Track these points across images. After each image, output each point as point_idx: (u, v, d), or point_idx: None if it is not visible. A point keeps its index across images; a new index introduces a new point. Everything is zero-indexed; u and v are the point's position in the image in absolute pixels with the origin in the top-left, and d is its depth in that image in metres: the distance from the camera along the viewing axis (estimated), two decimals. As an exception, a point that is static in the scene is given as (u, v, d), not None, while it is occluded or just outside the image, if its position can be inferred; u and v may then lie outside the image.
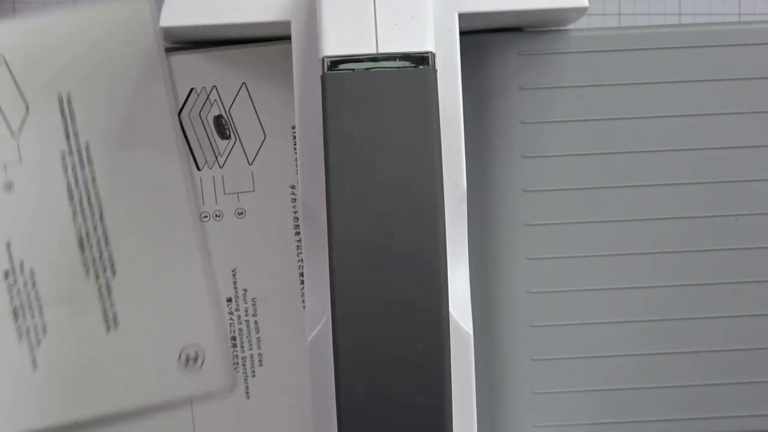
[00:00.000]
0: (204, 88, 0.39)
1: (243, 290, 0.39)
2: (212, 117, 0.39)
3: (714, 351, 0.40)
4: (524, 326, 0.40)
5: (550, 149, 0.39)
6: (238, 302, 0.39)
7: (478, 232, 0.39)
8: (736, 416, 0.40)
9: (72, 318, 0.39)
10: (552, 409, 0.40)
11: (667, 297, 0.40)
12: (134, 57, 0.38)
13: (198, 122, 0.39)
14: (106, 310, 0.39)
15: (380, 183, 0.33)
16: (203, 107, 0.39)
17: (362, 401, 0.33)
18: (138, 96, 0.38)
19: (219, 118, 0.39)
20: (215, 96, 0.39)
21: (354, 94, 0.33)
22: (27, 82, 0.39)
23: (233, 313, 0.39)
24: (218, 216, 0.39)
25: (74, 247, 0.39)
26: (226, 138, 0.39)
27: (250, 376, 0.39)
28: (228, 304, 0.39)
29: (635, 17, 0.42)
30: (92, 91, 0.39)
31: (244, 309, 0.39)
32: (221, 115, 0.39)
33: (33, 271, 0.39)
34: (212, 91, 0.39)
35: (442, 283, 0.33)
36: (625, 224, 0.39)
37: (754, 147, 0.39)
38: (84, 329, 0.39)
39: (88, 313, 0.39)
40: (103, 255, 0.39)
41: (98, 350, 0.39)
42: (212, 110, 0.39)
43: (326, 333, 0.35)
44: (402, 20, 0.34)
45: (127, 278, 0.39)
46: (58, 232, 0.39)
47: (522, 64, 0.39)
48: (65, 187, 0.39)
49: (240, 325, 0.39)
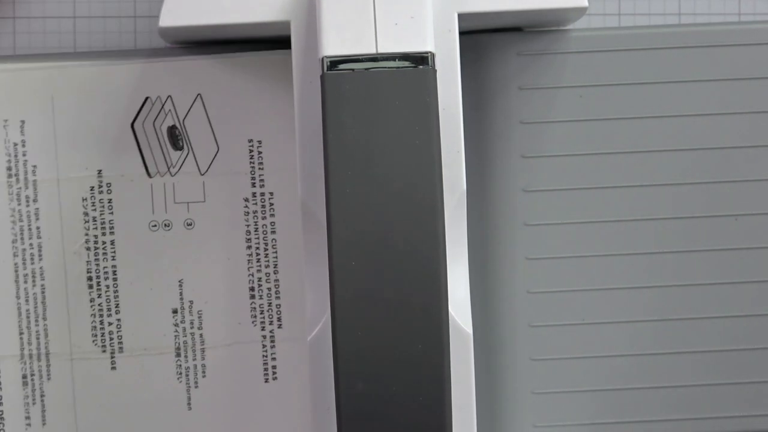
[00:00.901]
0: (159, 97, 0.39)
1: (189, 302, 0.39)
2: (166, 127, 0.39)
3: (714, 351, 0.40)
4: (524, 326, 0.40)
5: (550, 149, 0.39)
6: (184, 314, 0.39)
7: (478, 232, 0.39)
8: (736, 416, 0.40)
9: (233, 364, 0.39)
10: (552, 409, 0.40)
11: (667, 297, 0.40)
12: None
13: (151, 131, 0.39)
14: (266, 361, 0.39)
15: (380, 183, 0.33)
16: (157, 116, 0.39)
17: (362, 401, 0.33)
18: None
19: (173, 129, 0.39)
20: (170, 106, 0.39)
21: (354, 94, 0.33)
22: (220, 122, 0.39)
23: (178, 325, 0.39)
24: (167, 226, 0.39)
25: (245, 294, 0.39)
26: (179, 149, 0.39)
27: (193, 387, 0.39)
28: (173, 316, 0.39)
29: (635, 17, 0.42)
30: (283, 142, 0.38)
31: (189, 321, 0.39)
32: (175, 125, 0.39)
33: (201, 312, 0.39)
34: (167, 101, 0.39)
35: (442, 283, 0.33)
36: (625, 224, 0.39)
37: (754, 147, 0.39)
38: (243, 377, 0.39)
39: (249, 361, 0.39)
40: (272, 306, 0.39)
41: (255, 398, 0.39)
42: (166, 120, 0.39)
43: (326, 333, 0.35)
44: (401, 20, 0.34)
45: (292, 332, 0.39)
46: (232, 277, 0.39)
47: (521, 64, 0.39)
48: (244, 233, 0.39)
49: (185, 337, 0.39)
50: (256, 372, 0.39)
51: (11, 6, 0.41)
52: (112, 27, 0.41)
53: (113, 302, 0.39)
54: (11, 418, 0.39)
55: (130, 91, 0.38)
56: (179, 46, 0.39)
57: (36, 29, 0.41)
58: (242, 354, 0.39)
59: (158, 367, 0.39)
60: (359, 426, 0.33)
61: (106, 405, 0.39)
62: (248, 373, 0.39)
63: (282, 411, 0.39)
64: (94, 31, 0.41)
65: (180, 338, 0.39)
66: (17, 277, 0.39)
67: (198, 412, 0.39)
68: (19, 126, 0.38)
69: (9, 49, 0.41)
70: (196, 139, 0.39)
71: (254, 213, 0.39)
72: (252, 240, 0.39)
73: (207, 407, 0.39)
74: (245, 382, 0.39)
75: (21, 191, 0.39)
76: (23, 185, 0.39)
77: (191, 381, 0.39)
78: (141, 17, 0.41)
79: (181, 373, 0.39)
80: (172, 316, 0.39)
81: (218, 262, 0.39)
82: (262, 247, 0.39)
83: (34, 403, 0.39)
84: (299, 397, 0.39)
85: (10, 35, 0.41)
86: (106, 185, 0.39)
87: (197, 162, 0.39)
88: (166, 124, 0.39)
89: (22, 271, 0.39)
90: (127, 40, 0.41)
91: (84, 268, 0.39)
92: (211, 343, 0.39)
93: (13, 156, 0.38)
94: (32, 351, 0.39)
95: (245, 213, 0.39)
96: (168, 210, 0.39)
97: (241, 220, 0.39)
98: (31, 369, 0.39)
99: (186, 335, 0.39)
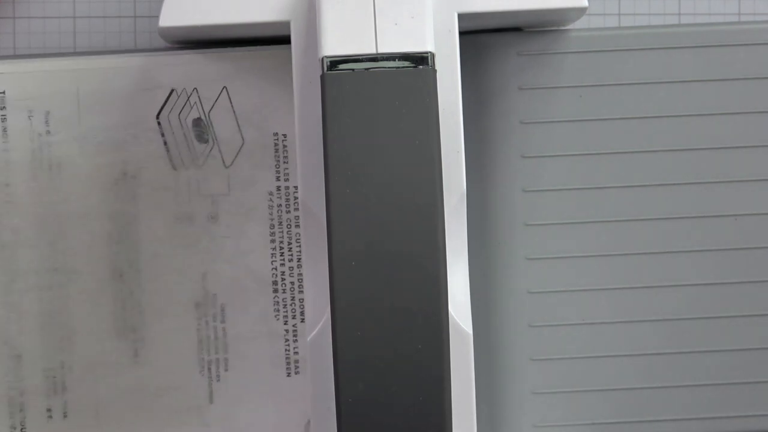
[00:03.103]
0: (185, 89, 0.39)
1: (212, 295, 0.39)
2: (191, 119, 0.39)
3: (714, 351, 0.40)
4: (524, 326, 0.40)
5: (550, 149, 0.39)
6: (207, 307, 0.39)
7: (478, 232, 0.39)
8: (736, 416, 0.40)
9: (255, 358, 0.39)
10: (552, 409, 0.40)
11: (667, 297, 0.40)
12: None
13: (177, 124, 0.39)
14: (289, 356, 0.39)
15: (380, 183, 0.33)
16: (183, 109, 0.39)
17: (362, 401, 0.33)
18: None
19: (198, 121, 0.39)
20: (195, 98, 0.39)
21: (354, 94, 0.33)
22: (245, 116, 0.39)
23: (201, 318, 0.39)
24: (191, 219, 0.39)
25: (268, 288, 0.39)
26: (204, 142, 0.39)
27: (215, 380, 0.39)
28: (197, 309, 0.39)
29: (635, 17, 0.42)
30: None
31: (212, 314, 0.39)
32: (200, 118, 0.39)
33: (224, 306, 0.39)
34: (193, 93, 0.39)
35: (442, 284, 0.33)
36: (625, 224, 0.39)
37: (754, 147, 0.39)
38: (265, 372, 0.39)
39: (271, 355, 0.39)
40: (295, 300, 0.39)
41: (277, 392, 0.39)
42: (192, 113, 0.39)
43: (326, 333, 0.35)
44: (401, 20, 0.34)
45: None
46: (255, 271, 0.39)
47: (521, 64, 0.39)
48: (268, 227, 0.39)
49: (208, 330, 0.39)
50: (279, 366, 0.39)
51: (11, 6, 0.41)
52: (112, 27, 0.41)
53: (137, 295, 0.39)
54: (32, 409, 0.39)
55: (155, 83, 0.38)
56: (179, 46, 0.39)
57: (36, 29, 0.41)
58: (265, 348, 0.39)
59: (181, 360, 0.39)
60: (359, 426, 0.33)
61: (128, 397, 0.39)
62: (270, 367, 0.39)
63: (304, 405, 0.39)
64: (94, 31, 0.41)
65: (203, 332, 0.39)
66: (40, 269, 0.39)
67: (220, 406, 0.39)
68: (44, 118, 0.38)
69: (9, 49, 0.41)
70: (222, 132, 0.39)
71: (278, 207, 0.39)
72: (276, 234, 0.39)
73: (229, 400, 0.39)
74: (267, 376, 0.39)
75: (46, 183, 0.39)
76: (48, 177, 0.39)
77: (213, 374, 0.39)
78: (141, 17, 0.41)
79: (204, 367, 0.39)
80: (196, 310, 0.39)
81: (242, 256, 0.39)
82: (285, 240, 0.39)
83: (55, 394, 0.39)
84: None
85: (10, 35, 0.41)
86: (131, 177, 0.39)
87: (222, 155, 0.39)
88: (192, 117, 0.39)
89: (46, 262, 0.39)
90: (127, 40, 0.41)
91: (108, 260, 0.39)
92: (234, 336, 0.39)
93: (38, 147, 0.39)
94: (55, 343, 0.39)
95: (269, 206, 0.39)
96: (192, 203, 0.39)
97: (265, 213, 0.39)
98: (54, 361, 0.39)
99: (209, 329, 0.39)
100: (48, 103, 0.38)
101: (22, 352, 0.39)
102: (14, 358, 0.39)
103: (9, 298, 0.39)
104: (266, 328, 0.39)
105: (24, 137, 0.38)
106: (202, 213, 0.39)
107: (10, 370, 0.39)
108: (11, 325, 0.39)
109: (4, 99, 0.38)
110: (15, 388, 0.39)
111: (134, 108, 0.38)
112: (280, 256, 0.39)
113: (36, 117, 0.38)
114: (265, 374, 0.39)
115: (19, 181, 0.39)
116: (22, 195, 0.39)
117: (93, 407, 0.39)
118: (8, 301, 0.39)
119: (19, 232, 0.39)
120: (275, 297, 0.39)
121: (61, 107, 0.38)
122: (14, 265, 0.39)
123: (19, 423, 0.39)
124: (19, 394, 0.39)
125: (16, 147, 0.39)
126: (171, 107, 0.39)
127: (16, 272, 0.39)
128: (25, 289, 0.39)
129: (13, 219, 0.39)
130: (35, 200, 0.39)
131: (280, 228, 0.39)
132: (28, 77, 0.38)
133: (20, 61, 0.39)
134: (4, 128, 0.38)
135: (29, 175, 0.39)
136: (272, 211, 0.39)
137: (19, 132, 0.38)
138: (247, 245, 0.39)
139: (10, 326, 0.39)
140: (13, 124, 0.38)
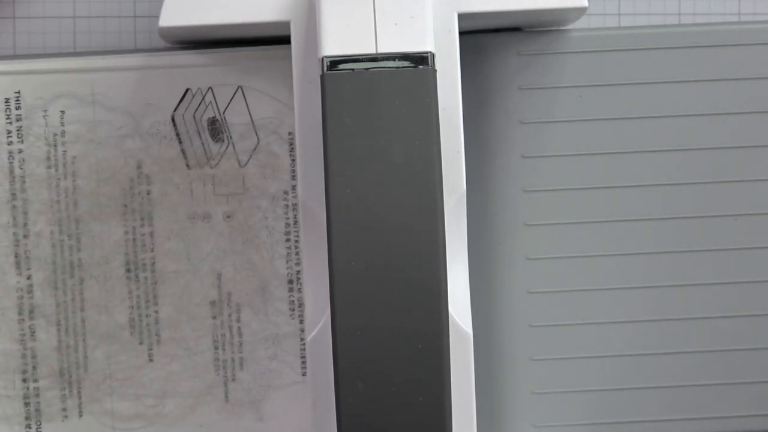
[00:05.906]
0: (200, 89, 0.39)
1: (227, 294, 0.39)
2: (207, 119, 0.39)
3: (713, 351, 0.40)
4: (524, 326, 0.40)
5: (550, 149, 0.39)
6: (222, 306, 0.39)
7: (478, 232, 0.39)
8: (736, 416, 0.40)
9: (270, 357, 0.39)
10: (552, 409, 0.40)
11: (666, 297, 0.40)
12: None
13: (192, 123, 0.39)
14: (304, 355, 0.39)
15: (380, 183, 0.33)
16: (198, 108, 0.39)
17: (362, 401, 0.33)
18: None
19: (213, 121, 0.39)
20: (210, 98, 0.39)
21: (353, 94, 0.33)
22: (260, 115, 0.39)
23: (216, 317, 0.39)
24: (206, 218, 0.39)
25: (283, 288, 0.39)
26: (219, 141, 0.39)
27: (231, 379, 0.39)
28: (212, 308, 0.39)
29: (635, 17, 0.42)
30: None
31: (227, 314, 0.39)
32: (216, 117, 0.39)
33: (239, 305, 0.39)
34: (208, 92, 0.39)
35: (442, 284, 0.33)
36: (625, 224, 0.39)
37: (753, 147, 0.39)
38: (280, 372, 0.39)
39: (286, 354, 0.39)
40: None
41: (292, 391, 0.39)
42: (207, 112, 0.39)
43: (326, 332, 0.35)
44: (401, 20, 0.34)
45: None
46: (270, 270, 0.39)
47: (521, 64, 0.39)
48: (283, 225, 0.39)
49: (223, 329, 0.39)
50: (294, 365, 0.39)
51: (11, 6, 0.41)
52: (112, 27, 0.41)
53: (152, 294, 0.39)
54: (48, 409, 0.39)
55: (171, 82, 0.39)
56: (179, 46, 0.39)
57: (36, 29, 0.41)
58: (280, 347, 0.39)
59: (196, 359, 0.39)
60: (359, 426, 0.33)
61: (143, 397, 0.39)
62: (286, 366, 0.39)
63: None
64: (94, 31, 0.41)
65: (218, 331, 0.39)
66: (55, 268, 0.39)
67: (235, 405, 0.39)
68: (59, 116, 0.38)
69: (9, 49, 0.41)
70: (237, 131, 0.39)
71: (293, 206, 0.39)
72: (291, 233, 0.39)
73: (244, 399, 0.39)
74: (282, 375, 0.39)
75: (60, 182, 0.39)
76: (62, 176, 0.39)
77: (228, 373, 0.39)
78: (141, 17, 0.42)
79: (219, 366, 0.39)
80: (211, 309, 0.39)
81: (257, 255, 0.39)
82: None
83: (71, 394, 0.39)
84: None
85: (10, 35, 0.41)
86: (146, 177, 0.39)
87: (237, 154, 0.39)
88: (207, 116, 0.39)
89: (61, 261, 0.39)
90: (127, 40, 0.41)
91: (123, 259, 0.39)
92: (249, 336, 0.39)
93: (53, 146, 0.39)
94: (69, 342, 0.39)
95: (284, 206, 0.39)
96: (207, 202, 0.39)
97: (280, 212, 0.39)
98: (69, 360, 0.39)
99: (224, 328, 0.39)
100: (63, 103, 0.39)
101: (38, 353, 0.39)
102: (29, 359, 0.39)
103: (24, 298, 0.39)
104: (281, 327, 0.39)
105: (39, 136, 0.39)
106: (217, 212, 0.39)
107: (26, 370, 0.39)
108: (26, 326, 0.39)
109: (20, 98, 0.38)
110: (30, 389, 0.39)
111: (150, 107, 0.39)
112: (295, 255, 0.39)
113: (51, 116, 0.39)
114: (280, 373, 0.39)
115: (34, 181, 0.39)
116: (37, 194, 0.39)
117: (108, 407, 0.39)
118: (23, 301, 0.39)
119: (34, 231, 0.39)
120: (290, 296, 0.39)
121: (77, 106, 0.39)
122: (29, 264, 0.39)
123: (35, 423, 0.39)
124: (34, 394, 0.39)
125: (31, 146, 0.39)
126: (186, 107, 0.39)
127: (30, 271, 0.39)
128: (39, 288, 0.39)
129: (29, 218, 0.39)
130: (51, 199, 0.39)
131: (295, 227, 0.39)
132: (43, 77, 0.38)
133: (35, 60, 0.39)
134: (19, 127, 0.38)
135: (44, 174, 0.39)
136: (287, 210, 0.39)
137: (35, 131, 0.39)
138: (262, 244, 0.39)
139: (25, 327, 0.39)
140: (28, 124, 0.38)
